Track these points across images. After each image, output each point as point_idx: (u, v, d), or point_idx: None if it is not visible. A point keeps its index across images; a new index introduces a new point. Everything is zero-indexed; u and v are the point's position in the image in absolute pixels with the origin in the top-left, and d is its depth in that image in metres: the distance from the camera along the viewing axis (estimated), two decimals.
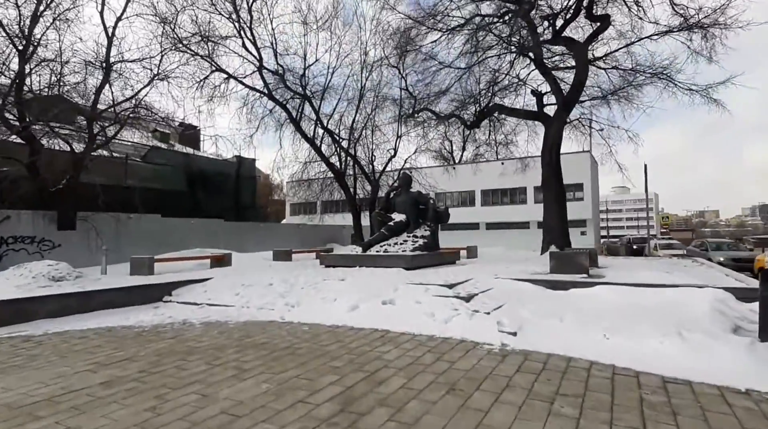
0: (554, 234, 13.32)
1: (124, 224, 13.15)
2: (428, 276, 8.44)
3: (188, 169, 21.88)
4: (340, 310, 6.50)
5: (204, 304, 7.76)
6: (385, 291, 7.09)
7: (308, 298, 7.18)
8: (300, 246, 19.10)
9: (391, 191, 12.07)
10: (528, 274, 8.59)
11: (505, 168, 20.62)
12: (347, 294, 7.12)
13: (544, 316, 5.33)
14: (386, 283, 7.63)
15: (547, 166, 13.75)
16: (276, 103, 16.50)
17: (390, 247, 10.92)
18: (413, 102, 18.14)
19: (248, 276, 9.49)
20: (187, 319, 6.67)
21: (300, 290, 7.84)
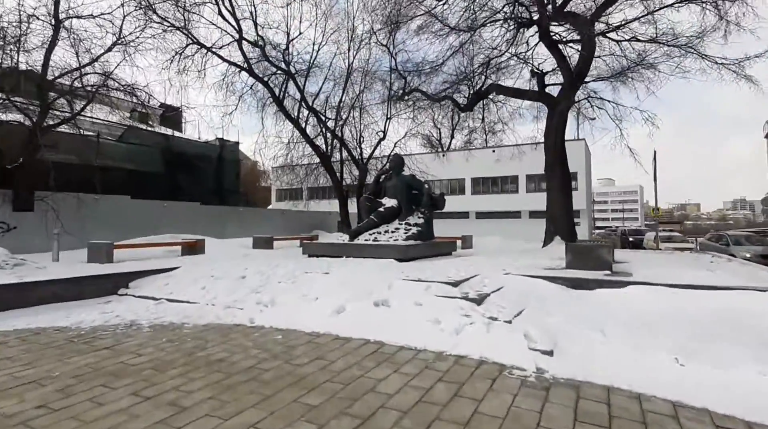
0: (559, 225, 12.35)
1: (88, 206, 11.74)
2: (426, 270, 7.36)
3: (167, 151, 20.40)
4: (322, 311, 5.38)
5: (163, 300, 6.56)
6: (377, 288, 5.99)
7: (285, 296, 6.04)
8: (283, 233, 17.88)
9: (382, 174, 10.90)
10: (541, 270, 7.58)
11: (499, 155, 19.55)
12: (332, 291, 6.01)
13: (578, 326, 4.31)
14: (378, 278, 6.54)
15: (551, 151, 12.71)
16: (256, 79, 15.07)
17: (380, 236, 9.81)
18: (403, 83, 16.92)
19: (220, 266, 8.30)
20: (137, 319, 5.48)
21: (277, 285, 6.70)
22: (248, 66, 14.76)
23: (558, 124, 12.47)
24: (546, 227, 12.89)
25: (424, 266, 7.90)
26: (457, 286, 6.16)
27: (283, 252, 11.52)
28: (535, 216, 28.29)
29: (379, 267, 7.74)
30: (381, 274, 6.93)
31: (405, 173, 11.01)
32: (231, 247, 12.35)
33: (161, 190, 17.62)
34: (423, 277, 6.55)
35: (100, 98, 12.74)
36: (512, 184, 28.98)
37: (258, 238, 12.90)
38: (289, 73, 14.96)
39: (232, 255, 10.32)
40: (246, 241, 13.52)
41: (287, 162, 17.65)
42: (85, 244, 11.00)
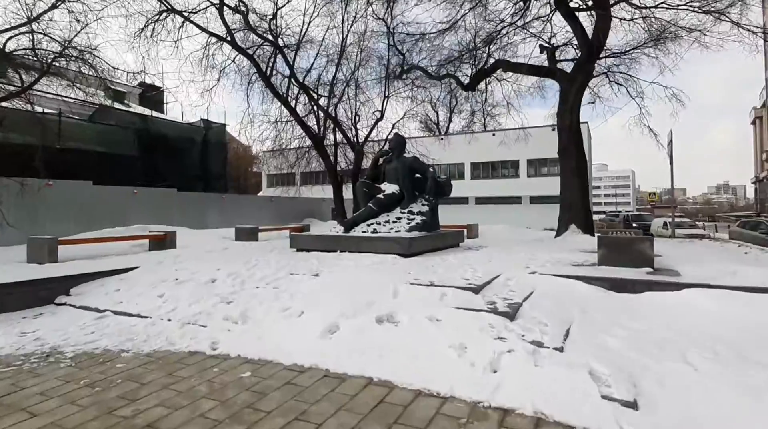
0: (575, 212, 11.13)
1: (39, 194, 10.26)
2: (436, 269, 6.08)
3: (144, 133, 18.76)
4: (309, 331, 4.09)
5: (108, 312, 5.23)
6: (379, 296, 4.70)
7: (262, 308, 4.73)
8: (272, 222, 16.50)
9: (381, 156, 9.55)
10: (569, 267, 6.35)
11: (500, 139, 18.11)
12: (322, 300, 4.71)
13: (652, 353, 3.18)
14: (380, 282, 5.25)
15: (565, 132, 11.39)
16: (240, 52, 13.46)
17: (380, 227, 8.49)
18: (401, 59, 15.42)
19: (188, 265, 6.97)
20: (61, 345, 4.15)
21: (253, 292, 5.38)
22: (231, 37, 13.15)
23: (574, 101, 11.15)
24: (560, 215, 11.68)
25: (433, 263, 6.62)
26: (479, 291, 4.89)
27: (268, 245, 10.18)
28: (535, 202, 27.15)
29: (380, 265, 6.45)
30: (383, 275, 5.64)
31: (407, 155, 9.64)
32: (210, 240, 10.99)
33: (136, 176, 16.09)
34: (435, 279, 5.27)
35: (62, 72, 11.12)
36: (513, 168, 27.69)
37: (241, 229, 11.53)
38: (277, 45, 13.37)
39: (208, 249, 8.97)
40: (228, 232, 12.15)
41: (276, 144, 16.15)
42: None
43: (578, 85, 11.10)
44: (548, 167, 26.70)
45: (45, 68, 10.84)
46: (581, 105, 11.57)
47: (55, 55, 10.80)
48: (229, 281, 5.84)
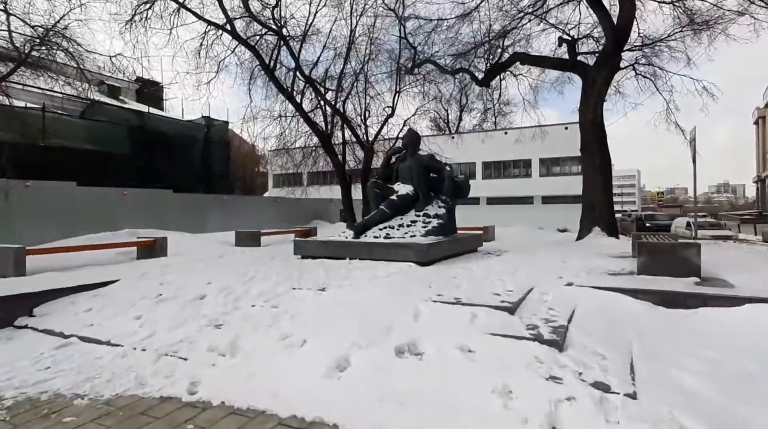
0: (599, 213, 10.22)
1: (17, 195, 9.51)
2: (460, 280, 5.23)
3: (141, 130, 18.06)
4: (313, 367, 3.25)
5: (74, 338, 4.42)
6: (397, 318, 3.86)
7: (256, 335, 3.90)
8: (277, 224, 15.70)
9: (393, 154, 8.72)
10: (606, 276, 5.54)
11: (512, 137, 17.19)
12: (329, 324, 3.87)
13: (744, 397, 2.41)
14: (395, 298, 4.42)
15: (588, 128, 10.50)
16: (240, 42, 12.66)
17: (393, 231, 7.65)
18: (413, 53, 14.56)
19: (177, 277, 6.17)
20: (2, 388, 3.33)
21: (248, 312, 4.57)
22: (231, 26, 12.35)
23: (598, 96, 10.26)
24: (582, 216, 10.79)
25: (455, 274, 5.76)
26: (515, 311, 4.03)
27: (271, 251, 9.37)
28: (547, 201, 26.18)
29: (396, 277, 5.61)
30: (400, 290, 4.80)
31: (422, 153, 8.78)
32: (207, 245, 10.20)
33: (131, 176, 15.37)
34: (461, 295, 4.41)
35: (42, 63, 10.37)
36: (525, 167, 26.71)
37: (242, 234, 10.72)
38: (281, 34, 12.53)
39: (202, 258, 8.17)
40: (228, 237, 11.36)
41: (280, 142, 15.34)
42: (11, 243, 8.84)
43: (604, 78, 10.25)
44: (561, 166, 25.78)
45: (23, 57, 10.09)
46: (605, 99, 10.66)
47: (33, 43, 10.06)
48: (220, 298, 5.02)
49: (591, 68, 10.90)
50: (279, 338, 3.73)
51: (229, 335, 3.91)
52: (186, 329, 4.29)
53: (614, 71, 10.49)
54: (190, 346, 3.91)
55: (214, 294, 5.16)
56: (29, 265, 6.89)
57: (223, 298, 5.00)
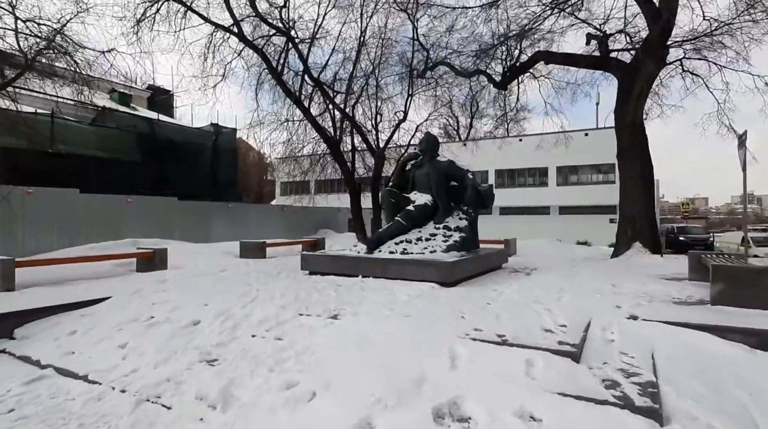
0: (640, 226, 9.35)
1: (19, 202, 9.00)
2: (497, 308, 4.46)
3: (149, 137, 17.62)
4: None
5: (50, 369, 3.79)
6: (429, 362, 3.12)
7: (254, 381, 3.17)
8: (283, 233, 15.06)
9: (409, 160, 8.01)
10: (671, 304, 4.73)
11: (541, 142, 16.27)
12: (344, 370, 3.14)
13: None
14: (424, 333, 3.69)
15: (626, 131, 9.65)
16: (248, 45, 12.11)
17: (410, 246, 6.90)
18: (425, 55, 13.93)
19: (172, 296, 5.50)
20: None
21: (247, 343, 3.86)
22: (238, 28, 11.82)
23: (640, 95, 9.40)
24: (619, 230, 9.92)
25: (488, 298, 5.01)
26: (580, 357, 3.25)
27: (276, 264, 8.68)
28: (565, 212, 25.16)
29: (419, 302, 4.86)
30: (427, 321, 4.05)
31: (440, 158, 8.06)
32: (210, 257, 9.54)
33: (139, 183, 14.87)
34: (504, 331, 3.65)
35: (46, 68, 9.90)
36: (541, 176, 25.73)
37: (246, 245, 10.05)
38: (289, 35, 11.96)
39: (204, 271, 7.49)
40: (233, 247, 10.70)
41: (287, 148, 14.70)
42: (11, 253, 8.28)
43: (648, 74, 9.28)
44: (579, 175, 24.76)
45: (29, 62, 9.66)
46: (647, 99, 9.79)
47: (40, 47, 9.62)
48: (216, 325, 4.32)
49: (630, 65, 9.93)
50: (282, 386, 2.99)
51: (223, 378, 3.19)
52: (174, 365, 3.59)
53: (660, 66, 9.50)
54: (176, 389, 3.20)
55: (211, 319, 4.47)
56: (20, 277, 6.31)
57: (219, 325, 4.30)
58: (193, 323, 4.44)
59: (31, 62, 9.81)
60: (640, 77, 9.16)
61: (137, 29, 11.03)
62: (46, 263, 6.93)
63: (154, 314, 4.86)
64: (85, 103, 13.85)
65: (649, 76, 9.29)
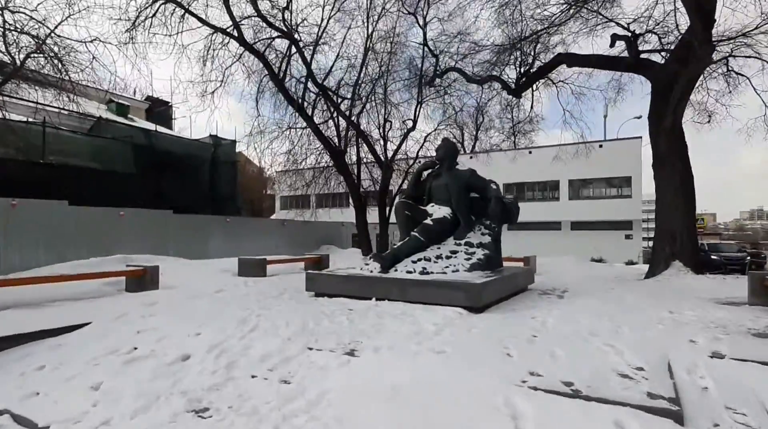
0: (680, 243, 8.50)
1: (2, 215, 8.30)
2: (548, 342, 3.72)
3: (146, 149, 17.02)
4: None
5: (6, 417, 3.08)
6: (479, 425, 2.35)
7: None
8: (285, 249, 14.32)
9: (425, 169, 7.34)
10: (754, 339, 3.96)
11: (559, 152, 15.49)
12: None
13: None
14: (466, 377, 2.93)
15: (664, 137, 8.85)
16: (248, 50, 11.55)
17: (430, 264, 6.17)
18: (434, 61, 13.39)
19: (160, 322, 4.75)
20: None
21: (246, 387, 3.12)
22: (238, 32, 11.29)
23: (681, 98, 8.59)
24: (656, 246, 9.09)
25: (530, 327, 4.27)
26: (684, 419, 2.48)
27: (278, 284, 7.93)
28: (577, 228, 24.37)
29: (449, 331, 4.12)
30: (467, 359, 3.30)
31: (460, 168, 7.39)
32: (206, 275, 8.78)
33: (136, 196, 14.17)
34: (568, 375, 2.90)
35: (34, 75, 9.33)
36: (551, 190, 24.99)
37: (245, 262, 9.29)
38: (291, 37, 11.42)
39: (198, 292, 6.73)
40: (231, 264, 9.94)
41: (289, 159, 14.06)
42: None
43: (690, 73, 8.50)
44: (591, 189, 24.04)
45: (18, 66, 9.10)
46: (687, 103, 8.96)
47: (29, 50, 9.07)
48: (209, 361, 3.56)
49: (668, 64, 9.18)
50: None
51: None
52: (155, 415, 2.86)
53: (705, 66, 8.61)
54: None
55: (203, 353, 3.71)
56: None
57: (213, 362, 3.55)
58: (181, 358, 3.69)
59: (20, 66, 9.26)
60: (682, 77, 8.38)
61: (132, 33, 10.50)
62: (24, 282, 6.19)
63: (137, 345, 4.11)
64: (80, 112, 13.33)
65: (690, 78, 8.52)
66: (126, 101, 22.80)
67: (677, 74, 8.34)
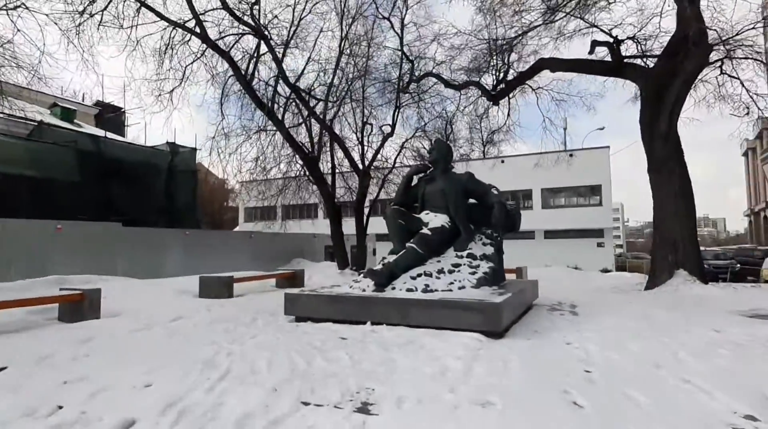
0: (683, 251, 8.07)
1: None
2: (612, 383, 2.92)
3: (93, 155, 15.34)
4: None
5: None
6: None
7: None
8: (252, 264, 13.03)
9: (416, 173, 6.56)
10: None
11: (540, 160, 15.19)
12: None
13: None
14: None
15: (661, 140, 8.51)
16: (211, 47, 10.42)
17: (432, 280, 5.32)
18: (410, 67, 12.85)
19: (95, 365, 3.60)
20: None
21: None
22: (200, 28, 10.16)
23: (677, 100, 8.31)
24: (656, 255, 8.66)
25: (575, 358, 3.49)
26: None
27: (249, 307, 6.82)
28: (550, 236, 24.42)
29: (479, 369, 3.25)
30: (523, 415, 2.44)
31: (456, 171, 6.65)
32: (161, 298, 7.48)
33: (78, 207, 12.55)
34: None
35: None
36: (525, 199, 24.92)
37: (208, 281, 8.04)
38: (261, 33, 10.39)
39: (150, 321, 5.52)
40: (191, 283, 8.63)
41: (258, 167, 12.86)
42: None
43: (688, 75, 8.27)
44: (563, 198, 24.23)
45: None
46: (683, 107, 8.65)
47: None
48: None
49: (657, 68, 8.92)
50: None
51: None
52: None
53: (702, 67, 8.39)
54: None
55: (154, 416, 2.65)
56: None
57: None
58: (123, 425, 2.61)
59: None
60: (678, 79, 8.11)
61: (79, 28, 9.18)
62: None
63: (63, 402, 2.97)
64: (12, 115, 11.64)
65: (689, 77, 8.26)
66: (72, 106, 20.79)
67: (674, 76, 8.07)
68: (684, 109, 8.93)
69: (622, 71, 9.69)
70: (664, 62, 8.64)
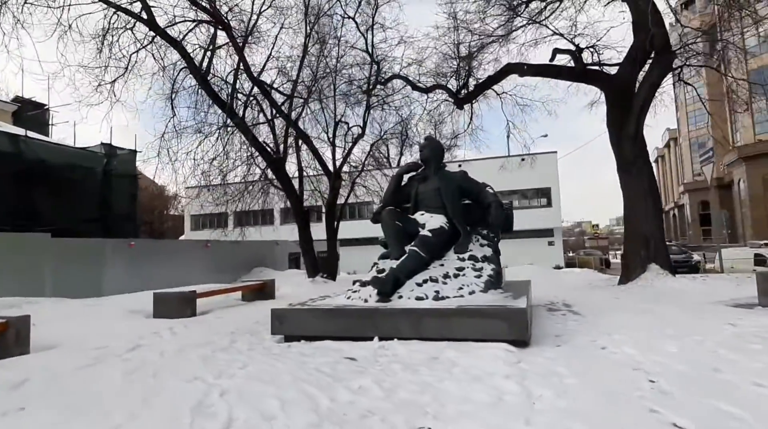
0: (654, 246, 8.38)
1: None
2: (686, 393, 2.56)
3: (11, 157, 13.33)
4: None
5: None
6: None
7: None
8: (209, 276, 11.78)
9: (407, 172, 6.08)
10: None
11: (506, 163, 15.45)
12: None
13: None
14: None
15: (629, 142, 8.80)
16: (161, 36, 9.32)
17: (440, 286, 4.82)
18: (376, 68, 12.51)
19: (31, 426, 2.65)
20: None
21: None
22: (148, 14, 9.01)
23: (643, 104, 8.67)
24: (628, 251, 8.94)
25: (627, 366, 3.14)
26: None
27: (220, 327, 5.92)
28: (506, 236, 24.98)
29: (538, 389, 2.78)
30: None
31: (449, 169, 6.25)
32: (106, 321, 6.31)
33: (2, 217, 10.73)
34: None
35: None
36: None
37: (164, 298, 6.92)
38: (222, 21, 9.40)
39: (99, 351, 4.50)
40: (142, 302, 7.46)
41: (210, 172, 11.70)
42: None
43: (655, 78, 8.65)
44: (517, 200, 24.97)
45: None
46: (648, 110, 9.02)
47: None
48: None
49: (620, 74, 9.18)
50: None
51: None
52: None
53: (667, 71, 8.87)
54: None
55: None
56: None
57: None
58: None
59: None
60: (645, 84, 8.47)
61: None
62: None
63: None
64: None
65: (654, 81, 8.64)
66: None
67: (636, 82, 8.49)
68: None
69: (588, 77, 9.98)
70: (628, 69, 9.01)
